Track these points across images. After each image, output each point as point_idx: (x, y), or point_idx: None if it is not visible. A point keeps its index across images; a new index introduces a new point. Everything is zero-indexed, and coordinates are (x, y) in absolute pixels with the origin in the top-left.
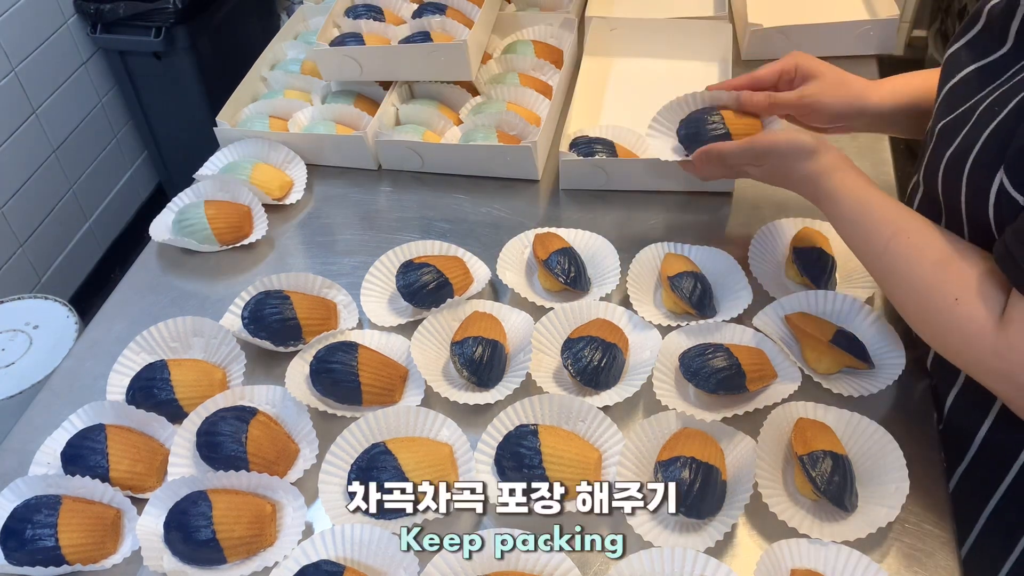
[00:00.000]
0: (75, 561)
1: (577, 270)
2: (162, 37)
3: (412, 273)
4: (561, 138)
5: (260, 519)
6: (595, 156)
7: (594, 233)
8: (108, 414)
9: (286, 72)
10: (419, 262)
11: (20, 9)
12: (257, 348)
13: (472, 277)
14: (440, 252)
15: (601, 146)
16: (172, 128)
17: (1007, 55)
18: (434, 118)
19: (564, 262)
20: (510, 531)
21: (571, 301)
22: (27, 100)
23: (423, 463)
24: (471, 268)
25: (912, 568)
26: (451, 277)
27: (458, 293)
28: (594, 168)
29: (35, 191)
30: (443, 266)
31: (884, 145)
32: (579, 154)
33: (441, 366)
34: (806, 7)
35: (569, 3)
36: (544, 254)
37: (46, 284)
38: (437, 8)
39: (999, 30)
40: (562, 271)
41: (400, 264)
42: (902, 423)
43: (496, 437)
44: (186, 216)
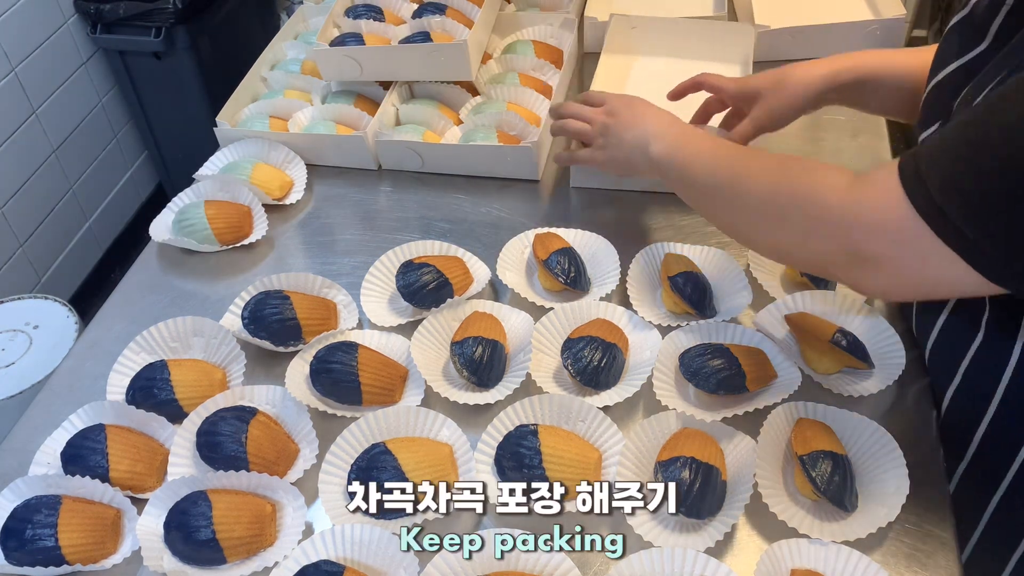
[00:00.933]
0: (75, 561)
1: (577, 270)
2: (162, 37)
3: (412, 273)
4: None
5: (260, 519)
6: None
7: (594, 233)
8: (108, 414)
9: (286, 72)
10: (419, 262)
11: (20, 9)
12: (257, 348)
13: (472, 277)
14: (440, 252)
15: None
16: (172, 128)
17: (985, 53)
18: (434, 118)
19: (564, 262)
20: (510, 531)
21: (571, 301)
22: (27, 100)
23: (423, 463)
24: (471, 268)
25: (912, 568)
26: (451, 277)
27: (458, 293)
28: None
29: (35, 191)
30: (443, 266)
31: (884, 145)
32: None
33: (441, 366)
34: (809, 7)
35: (569, 3)
36: (544, 254)
37: (46, 284)
38: (437, 8)
39: (981, 24)
40: (562, 271)
41: (400, 264)
42: (902, 423)
43: (496, 437)
44: (186, 216)
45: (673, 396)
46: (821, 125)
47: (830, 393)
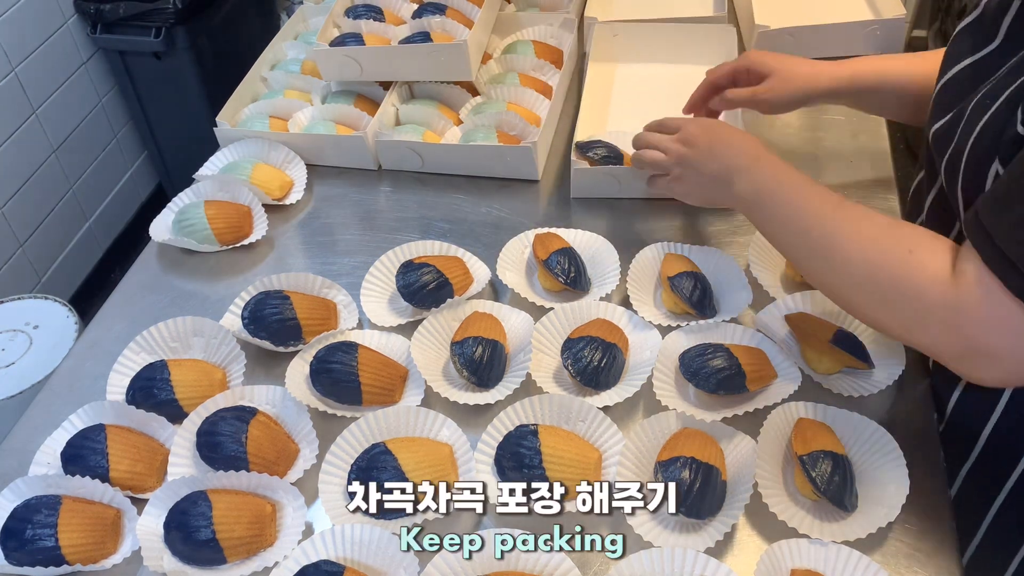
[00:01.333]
0: (75, 561)
1: (577, 270)
2: (162, 37)
3: (412, 273)
4: (572, 147)
5: (260, 519)
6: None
7: (594, 233)
8: (108, 414)
9: (286, 72)
10: (419, 262)
11: (20, 9)
12: (257, 348)
13: (472, 277)
14: (440, 252)
15: (605, 149)
16: (172, 128)
17: (995, 51)
18: (434, 118)
19: (564, 262)
20: (510, 531)
21: (571, 301)
22: (27, 100)
23: (423, 463)
24: (471, 268)
25: (912, 568)
26: (451, 277)
27: (458, 293)
28: (606, 177)
29: (35, 191)
30: (443, 266)
31: (884, 145)
32: (583, 154)
33: (441, 366)
34: (809, 7)
35: (569, 3)
36: (544, 254)
37: (46, 284)
38: (437, 8)
39: (991, 23)
40: (562, 271)
41: (400, 264)
42: (902, 423)
43: (496, 437)
44: (186, 216)
45: (673, 396)
46: (821, 125)
47: (830, 393)
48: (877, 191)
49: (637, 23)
